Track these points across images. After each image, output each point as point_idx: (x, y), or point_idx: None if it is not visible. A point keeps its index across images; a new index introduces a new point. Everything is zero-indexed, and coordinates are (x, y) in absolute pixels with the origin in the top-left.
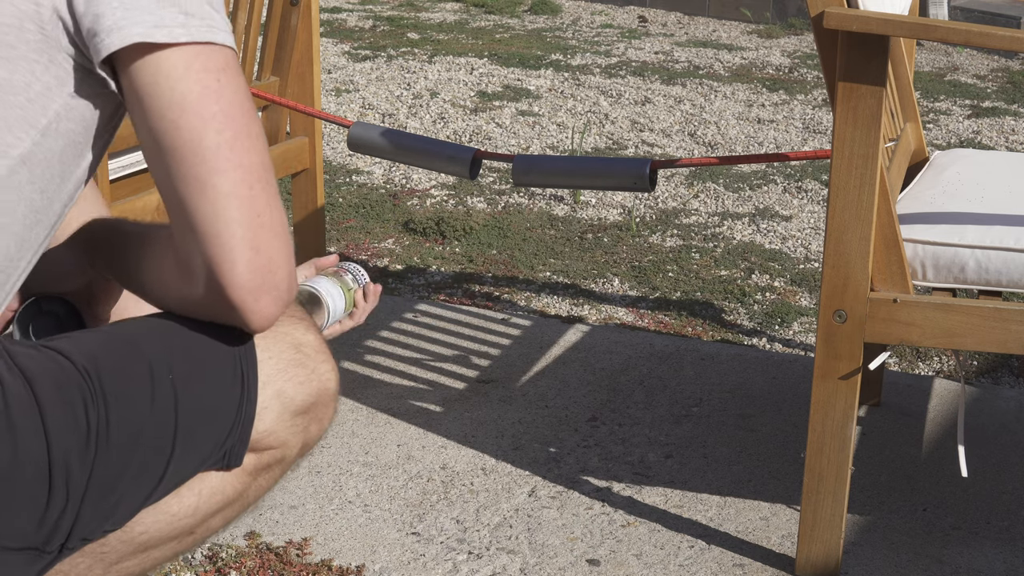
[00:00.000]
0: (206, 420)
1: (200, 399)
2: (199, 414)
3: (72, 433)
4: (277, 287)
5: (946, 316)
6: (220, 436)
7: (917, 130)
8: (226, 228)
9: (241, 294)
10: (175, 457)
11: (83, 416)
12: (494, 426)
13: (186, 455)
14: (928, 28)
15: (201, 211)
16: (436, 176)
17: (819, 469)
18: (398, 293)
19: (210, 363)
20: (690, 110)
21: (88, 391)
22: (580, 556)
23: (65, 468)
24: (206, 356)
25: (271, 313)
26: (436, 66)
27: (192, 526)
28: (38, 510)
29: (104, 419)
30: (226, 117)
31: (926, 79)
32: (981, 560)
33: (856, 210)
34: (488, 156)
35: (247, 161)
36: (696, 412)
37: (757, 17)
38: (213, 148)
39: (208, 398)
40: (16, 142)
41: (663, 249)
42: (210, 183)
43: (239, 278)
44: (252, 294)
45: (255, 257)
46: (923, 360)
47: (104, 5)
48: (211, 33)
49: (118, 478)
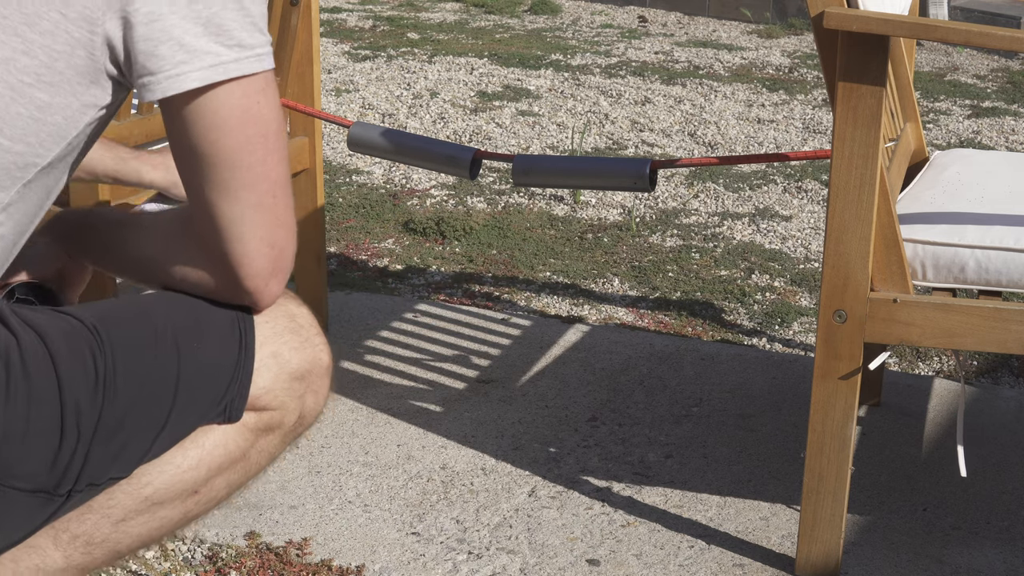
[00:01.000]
0: (206, 373)
1: (201, 353)
2: (200, 367)
3: (82, 380)
4: (285, 270)
5: (946, 316)
6: (219, 389)
7: (917, 130)
8: (249, 231)
9: (256, 282)
10: (177, 406)
11: (91, 365)
12: (494, 426)
13: (187, 405)
14: (928, 28)
15: (228, 215)
16: (436, 176)
17: (819, 469)
18: (398, 293)
19: (210, 322)
20: (690, 110)
21: (96, 343)
22: (580, 556)
23: (76, 412)
24: (206, 316)
25: (278, 292)
26: (436, 66)
27: (196, 482)
28: (51, 452)
29: (111, 368)
30: (262, 137)
31: (926, 79)
32: (981, 560)
33: (856, 210)
34: (488, 156)
35: (274, 175)
36: (696, 412)
37: (757, 17)
38: (246, 166)
39: (208, 352)
40: (46, 153)
41: (663, 249)
42: (239, 195)
43: (255, 270)
44: (264, 280)
45: (270, 251)
46: (923, 360)
47: (165, 47)
48: (259, 63)
49: (123, 423)
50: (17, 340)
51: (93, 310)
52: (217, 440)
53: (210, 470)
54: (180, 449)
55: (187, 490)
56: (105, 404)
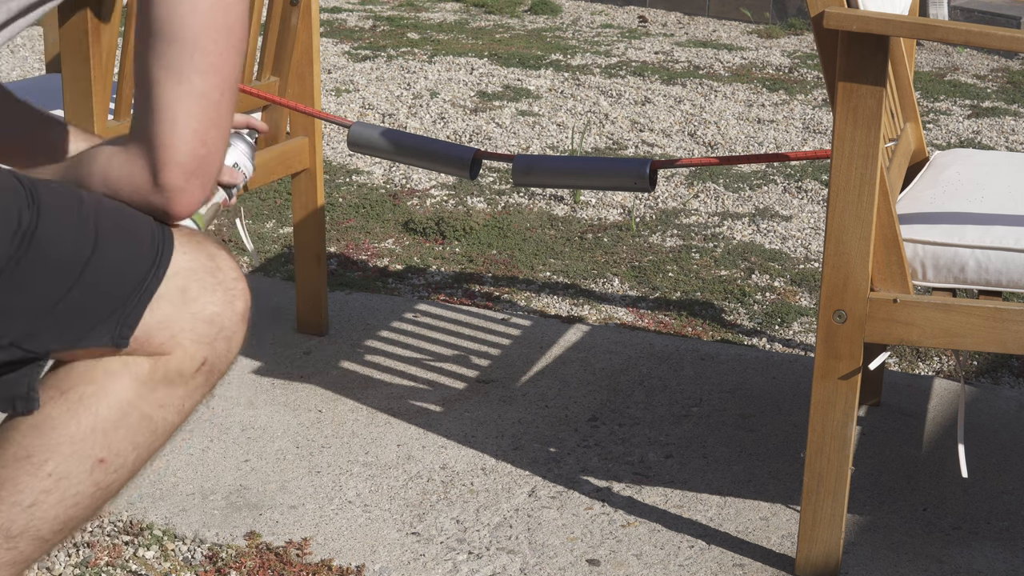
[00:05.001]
0: (113, 270)
1: (114, 250)
2: (109, 262)
3: (3, 224)
4: (207, 176)
5: (946, 316)
6: (118, 297)
7: (917, 130)
8: (184, 119)
9: (175, 175)
10: (75, 291)
11: (16, 216)
12: (494, 426)
13: (84, 297)
14: (928, 28)
15: (169, 96)
16: (436, 176)
17: (819, 469)
18: (398, 293)
19: (132, 227)
20: (690, 110)
21: (28, 199)
22: (580, 556)
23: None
24: (130, 221)
25: (195, 199)
26: (436, 66)
27: (97, 448)
28: None
29: (33, 224)
30: (227, 30)
31: (926, 79)
32: (981, 560)
33: (856, 210)
34: (488, 156)
35: (226, 71)
36: (696, 412)
37: (757, 17)
38: (204, 51)
39: (121, 252)
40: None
41: (663, 249)
42: (189, 78)
43: (179, 159)
44: (185, 177)
45: (199, 147)
46: (923, 360)
47: None
48: None
49: (22, 284)
50: None
51: (31, 177)
52: (110, 402)
53: (107, 434)
54: (72, 417)
55: (90, 458)
56: (15, 255)
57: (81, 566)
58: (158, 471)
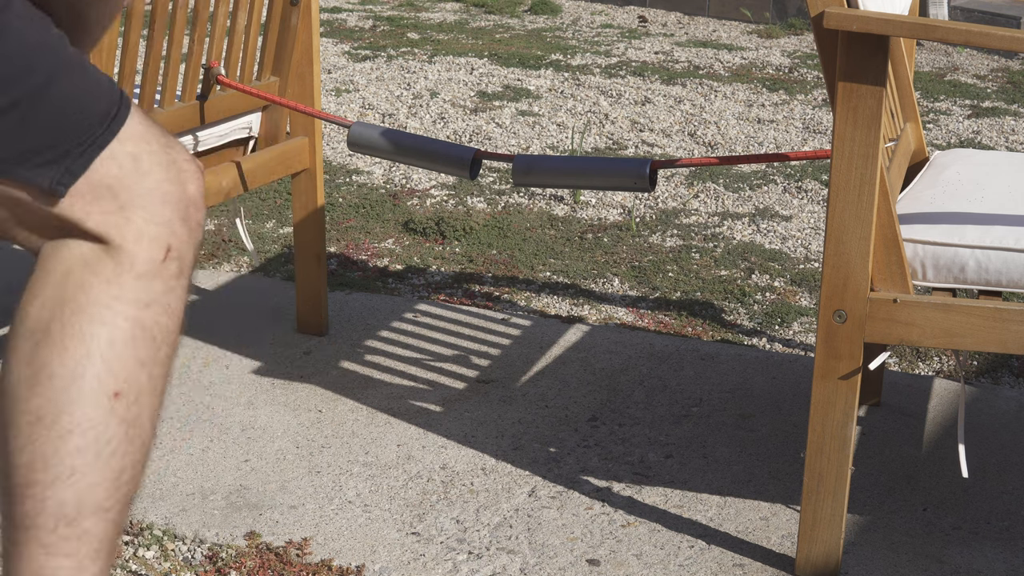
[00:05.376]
0: (69, 101)
1: (73, 81)
2: (66, 89)
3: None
4: None
5: (946, 316)
6: (68, 133)
7: (917, 130)
8: None
9: None
10: (30, 99)
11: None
12: (494, 426)
13: (37, 111)
14: (928, 28)
15: None
16: (436, 176)
17: (819, 469)
18: (398, 293)
19: (95, 73)
20: (690, 110)
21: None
22: (580, 556)
23: None
24: (94, 70)
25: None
26: (436, 66)
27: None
28: None
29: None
30: None
31: (926, 79)
32: (981, 560)
33: (856, 210)
34: (488, 156)
35: None
36: (696, 412)
37: (757, 17)
38: None
39: (80, 86)
40: None
41: (663, 249)
42: None
43: None
44: None
45: None
46: (923, 360)
47: None
48: None
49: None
50: None
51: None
52: (93, 318)
53: (108, 360)
54: (64, 353)
55: (103, 394)
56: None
57: None
58: (158, 471)
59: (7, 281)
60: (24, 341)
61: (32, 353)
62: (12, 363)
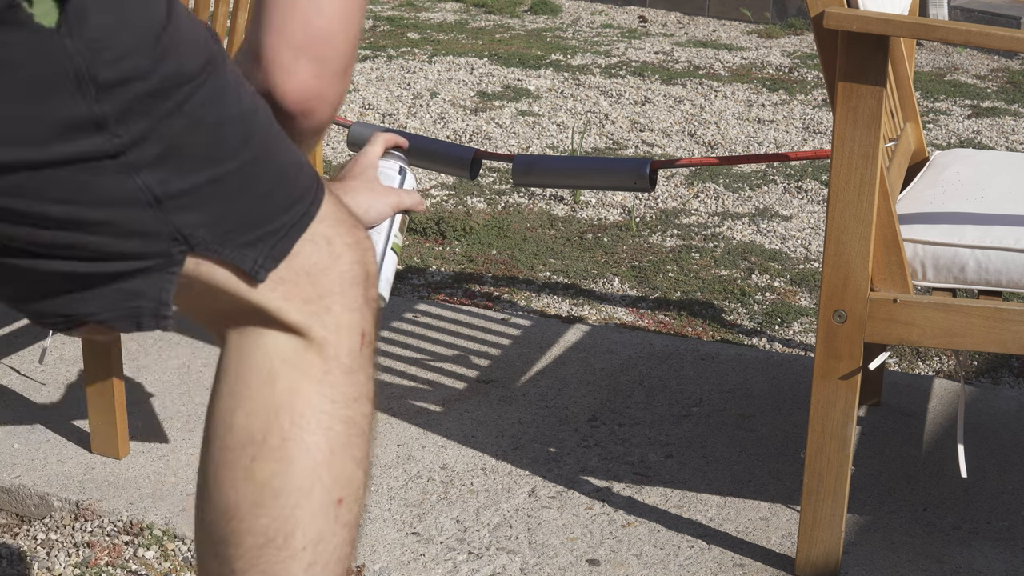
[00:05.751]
0: (275, 173)
1: (280, 150)
2: (274, 160)
3: (194, 42)
4: (323, 57)
5: (946, 316)
6: (274, 209)
7: (917, 130)
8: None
9: (278, 43)
10: (241, 167)
11: (204, 38)
12: (494, 426)
13: (245, 181)
14: (928, 28)
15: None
16: (436, 176)
17: (819, 469)
18: (398, 293)
19: (291, 144)
20: (690, 110)
21: (217, 54)
22: (580, 556)
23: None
24: (288, 140)
25: (305, 86)
26: (436, 66)
27: (330, 488)
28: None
29: (219, 58)
30: None
31: (926, 79)
32: (981, 560)
33: (856, 210)
34: (488, 156)
35: None
36: (696, 412)
37: (757, 17)
38: None
39: (285, 156)
40: None
41: (663, 249)
42: None
43: (285, 26)
44: (291, 50)
45: (314, 16)
46: (923, 360)
47: None
48: None
49: (199, 124)
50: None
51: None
52: (311, 426)
53: (330, 466)
54: (289, 467)
55: (329, 504)
56: (201, 79)
57: (81, 566)
58: (158, 471)
59: None
60: (238, 455)
61: (250, 468)
62: (226, 479)
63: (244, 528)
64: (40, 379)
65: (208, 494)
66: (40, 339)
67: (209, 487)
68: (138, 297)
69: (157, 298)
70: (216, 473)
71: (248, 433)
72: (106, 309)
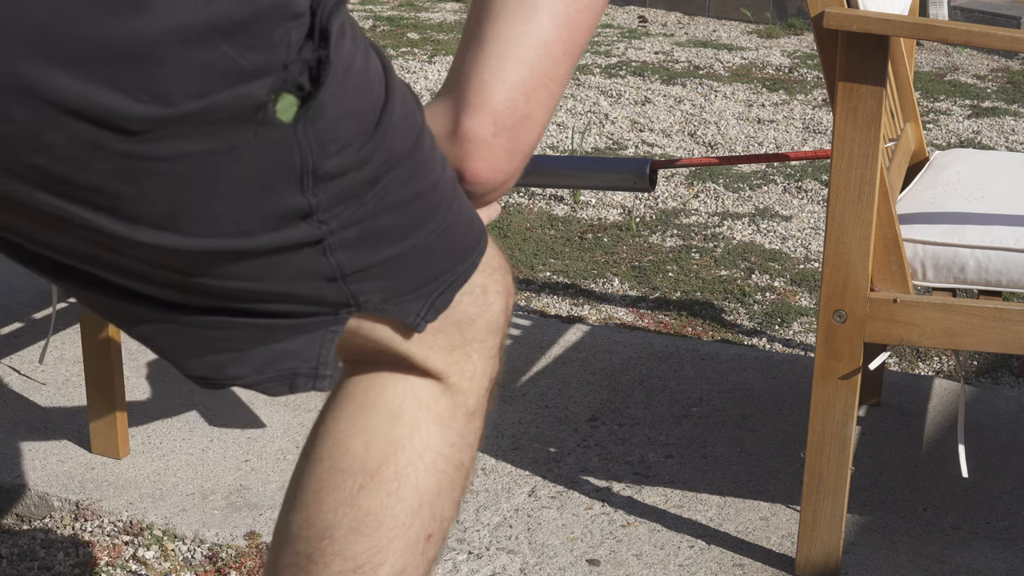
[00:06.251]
0: (456, 228)
1: (461, 205)
2: (455, 216)
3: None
4: (519, 143)
5: (946, 316)
6: (446, 264)
7: (917, 130)
8: (516, 62)
9: (483, 120)
10: (430, 223)
11: (406, 95)
12: (494, 426)
13: (431, 238)
14: (928, 28)
15: (508, 32)
16: None
17: (819, 469)
18: None
19: (463, 193)
20: (690, 110)
21: (421, 129)
22: (580, 556)
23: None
24: (470, 207)
25: (497, 164)
26: (436, 66)
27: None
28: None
29: (418, 122)
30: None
31: (926, 79)
32: (981, 560)
33: (856, 210)
34: None
35: (578, 35)
36: (696, 412)
37: (757, 17)
38: (564, 0)
39: (464, 213)
40: None
41: (663, 249)
42: (539, 21)
43: (493, 105)
44: (494, 128)
45: (521, 102)
46: (923, 360)
47: None
48: None
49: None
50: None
51: None
52: (427, 466)
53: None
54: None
55: (420, 540)
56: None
57: (81, 566)
58: (158, 471)
59: (7, 281)
60: (346, 479)
61: (356, 495)
62: (329, 499)
63: (336, 550)
64: (40, 379)
65: (305, 508)
66: (40, 339)
67: (306, 502)
68: (293, 358)
69: (315, 358)
70: (319, 491)
71: (362, 462)
72: (255, 372)
